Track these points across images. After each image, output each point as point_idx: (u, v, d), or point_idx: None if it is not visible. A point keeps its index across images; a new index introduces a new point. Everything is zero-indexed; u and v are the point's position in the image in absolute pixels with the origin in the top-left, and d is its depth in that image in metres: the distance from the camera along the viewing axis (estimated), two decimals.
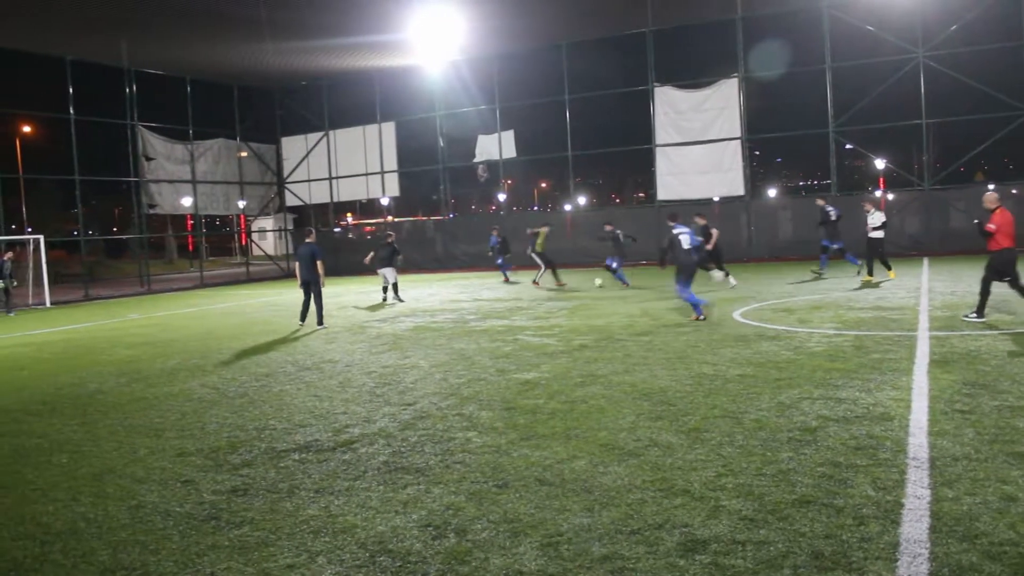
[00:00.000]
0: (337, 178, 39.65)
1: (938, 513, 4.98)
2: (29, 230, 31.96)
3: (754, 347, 11.20)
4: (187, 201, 37.23)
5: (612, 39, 33.40)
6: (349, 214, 65.72)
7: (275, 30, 28.07)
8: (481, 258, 34.02)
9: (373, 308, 20.23)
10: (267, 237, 53.84)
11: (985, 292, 12.29)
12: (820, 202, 22.42)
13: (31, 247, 29.09)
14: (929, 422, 6.95)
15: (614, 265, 22.38)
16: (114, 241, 60.49)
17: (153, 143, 34.65)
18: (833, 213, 21.26)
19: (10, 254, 25.50)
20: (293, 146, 40.89)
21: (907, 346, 10.64)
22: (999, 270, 12.16)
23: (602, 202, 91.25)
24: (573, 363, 10.83)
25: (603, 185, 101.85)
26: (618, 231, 22.75)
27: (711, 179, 31.46)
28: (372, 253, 22.38)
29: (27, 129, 52.01)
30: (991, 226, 12.05)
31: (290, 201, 41.85)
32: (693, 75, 32.14)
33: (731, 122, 30.98)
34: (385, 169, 38.36)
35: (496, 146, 35.45)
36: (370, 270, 23.84)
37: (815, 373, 9.21)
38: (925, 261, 24.64)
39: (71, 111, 31.29)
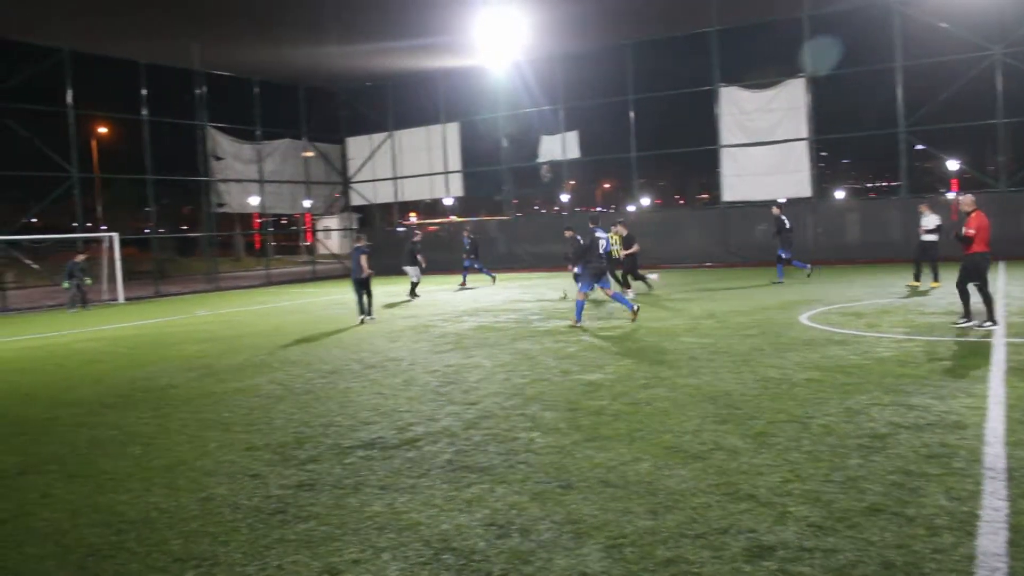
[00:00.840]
0: (401, 178, 39.99)
1: (1018, 526, 4.83)
2: (104, 228, 32.79)
3: (821, 351, 11.01)
4: (254, 200, 37.88)
5: (677, 38, 33.07)
6: (413, 213, 66.17)
7: (341, 32, 28.44)
8: (544, 258, 34.02)
9: (434, 307, 20.36)
10: (332, 236, 54.41)
11: (965, 296, 12.62)
12: (776, 211, 22.73)
13: (106, 244, 29.90)
14: (1006, 431, 6.75)
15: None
16: (184, 239, 61.83)
17: (222, 143, 35.35)
18: (787, 222, 21.99)
19: (82, 256, 26.34)
20: (358, 146, 41.34)
21: (982, 353, 10.37)
22: (973, 273, 12.36)
23: (666, 203, 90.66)
24: (637, 365, 10.77)
25: (667, 186, 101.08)
26: (579, 237, 22.87)
27: (777, 180, 30.97)
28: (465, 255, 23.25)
29: (103, 130, 53.50)
30: (970, 231, 12.22)
31: (355, 200, 42.32)
32: (759, 75, 31.67)
33: (798, 122, 30.47)
34: (449, 169, 38.58)
35: (560, 146, 35.40)
36: (439, 269, 24.18)
37: (885, 379, 9.02)
38: (1001, 265, 23.99)
39: (144, 113, 32.07)
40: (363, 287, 17.63)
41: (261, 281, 37.73)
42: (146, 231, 46.27)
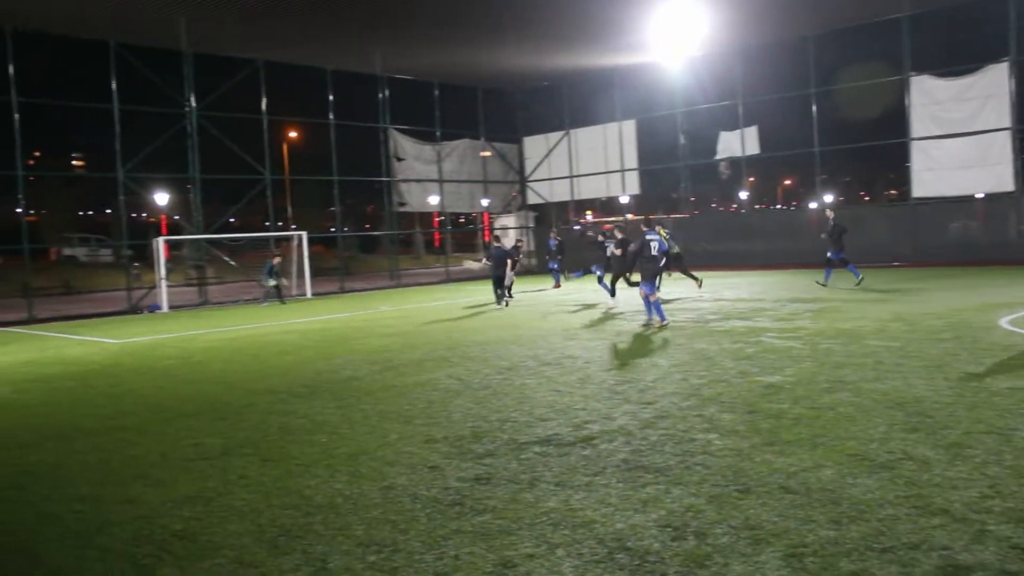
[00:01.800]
0: (577, 176, 40.13)
1: None
2: (294, 227, 34.54)
3: None
4: (434, 199, 38.97)
5: (863, 27, 31.50)
6: (589, 212, 66.32)
7: (518, 33, 28.82)
8: (721, 256, 33.31)
9: (609, 307, 20.32)
10: (509, 234, 55.18)
11: None
12: (829, 214, 22.72)
13: (295, 242, 31.53)
14: None
15: (599, 272, 22.95)
16: (367, 237, 64.33)
17: (403, 144, 36.56)
18: (842, 225, 22.25)
19: (278, 259, 28.13)
20: (535, 145, 41.79)
21: None
22: None
23: (850, 200, 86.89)
24: (819, 368, 10.38)
25: (852, 182, 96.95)
26: (600, 238, 23.44)
27: (974, 174, 28.99)
28: (484, 257, 24.21)
29: (293, 135, 56.62)
30: None
31: (531, 199, 42.80)
32: (954, 61, 29.75)
33: (999, 111, 28.39)
34: (625, 167, 38.40)
35: (739, 142, 34.59)
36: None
37: None
38: None
39: (331, 117, 33.59)
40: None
41: (440, 278, 38.75)
42: (332, 229, 48.52)
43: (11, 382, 13.02)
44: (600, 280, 22.81)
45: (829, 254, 22.27)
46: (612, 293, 20.23)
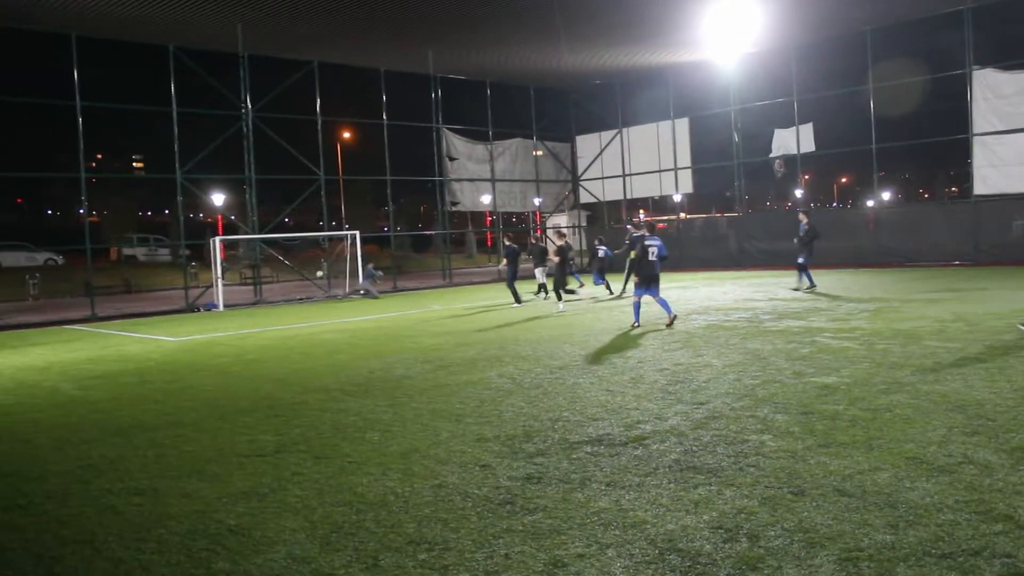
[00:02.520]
0: (630, 175, 39.94)
1: None
2: (347, 226, 34.93)
3: None
4: (486, 199, 39.09)
5: (923, 21, 30.89)
6: (642, 210, 65.94)
7: (570, 32, 28.77)
8: (776, 255, 32.90)
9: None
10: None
11: None
12: (803, 217, 22.39)
13: (348, 241, 31.85)
14: None
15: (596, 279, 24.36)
16: (420, 236, 64.80)
17: (456, 144, 36.72)
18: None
19: (371, 264, 29.10)
20: (587, 144, 41.70)
21: None
22: None
23: (909, 197, 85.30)
24: (876, 369, 10.20)
25: (910, 179, 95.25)
26: (595, 242, 24.68)
27: None
28: (504, 260, 24.67)
29: (346, 135, 57.27)
30: None
31: (584, 198, 42.71)
32: (1019, 54, 29.02)
33: None
34: (678, 166, 38.13)
35: (793, 140, 34.14)
36: (666, 267, 24.01)
37: None
38: None
39: (384, 117, 33.85)
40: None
41: (492, 277, 38.81)
42: (385, 229, 48.97)
43: (75, 379, 13.33)
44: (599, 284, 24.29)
45: (800, 259, 21.95)
46: (559, 297, 21.08)
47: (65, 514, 6.29)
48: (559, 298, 20.94)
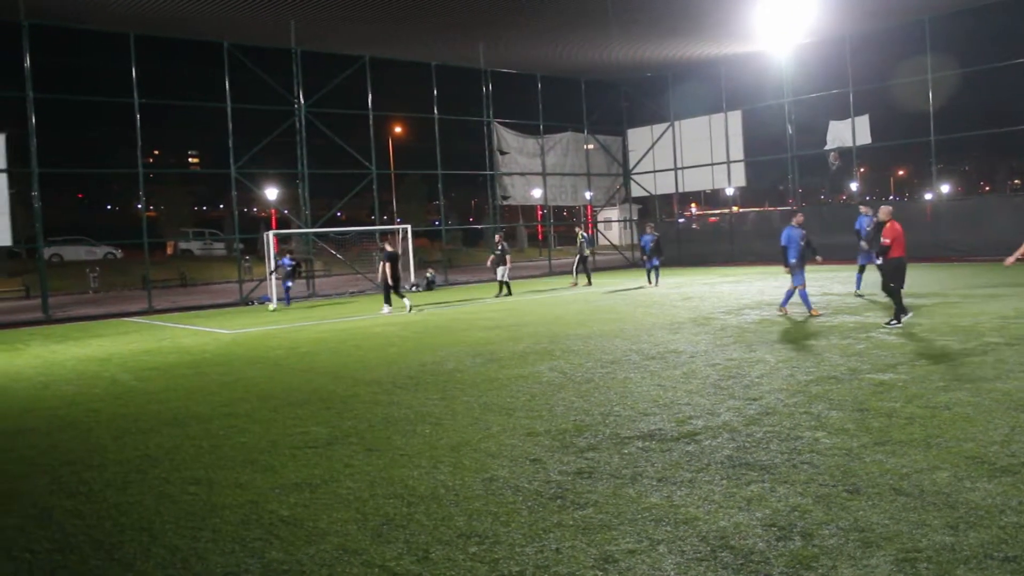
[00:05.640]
0: (682, 168, 39.61)
1: None
2: (399, 220, 35.19)
3: None
4: (537, 192, 39.04)
5: (984, 8, 30.07)
6: (693, 204, 65.53)
7: (622, 24, 28.58)
8: (830, 250, 32.32)
9: (717, 300, 20.00)
10: (612, 227, 55.00)
11: (895, 296, 13.50)
12: (865, 210, 20.07)
13: (400, 235, 32.01)
14: None
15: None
16: (470, 230, 64.94)
17: (507, 138, 36.69)
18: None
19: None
20: (639, 137, 41.42)
21: None
22: (892, 276, 13.39)
23: (969, 190, 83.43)
24: (934, 365, 9.99)
25: (970, 172, 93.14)
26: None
27: None
28: (492, 256, 25.65)
29: (398, 130, 57.61)
30: (886, 240, 13.26)
31: (635, 192, 42.46)
32: None
33: None
34: (731, 159, 37.72)
35: (849, 132, 33.53)
36: (721, 261, 23.82)
37: None
38: None
39: (435, 111, 33.96)
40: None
41: (543, 271, 38.80)
42: (436, 223, 49.18)
43: (133, 370, 13.60)
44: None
45: (870, 259, 18.33)
46: (390, 302, 21.53)
47: (124, 502, 6.42)
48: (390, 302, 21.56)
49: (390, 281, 21.06)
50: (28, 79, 24.27)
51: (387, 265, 21.14)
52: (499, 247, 25.83)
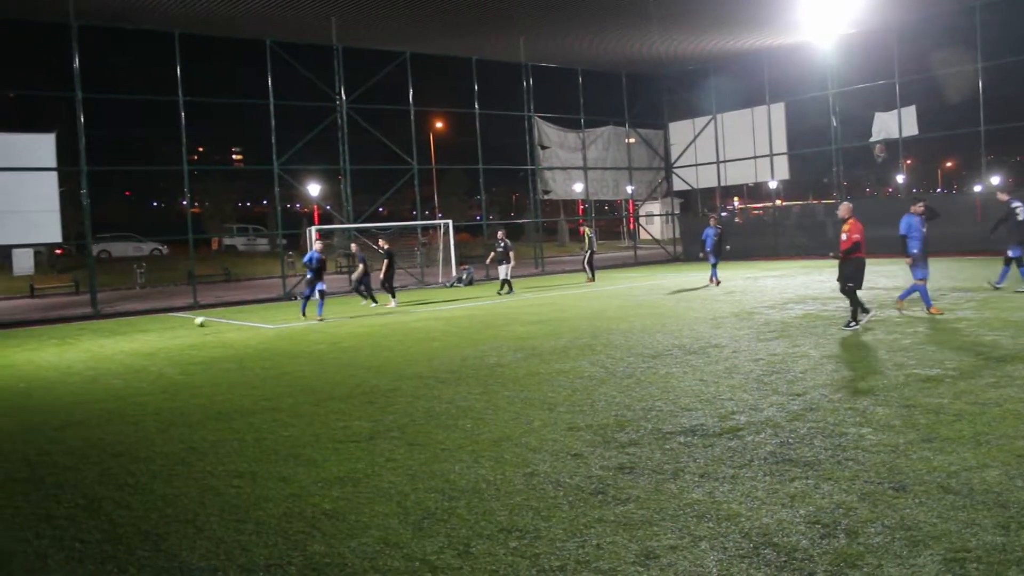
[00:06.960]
0: (724, 162, 39.26)
1: None
2: (440, 215, 35.27)
3: None
4: (578, 187, 38.94)
5: None
6: (736, 198, 64.91)
7: (663, 17, 28.38)
8: (877, 243, 31.86)
9: (759, 294, 19.82)
10: (654, 221, 54.67)
11: (852, 297, 13.19)
12: (1003, 197, 18.33)
13: (441, 230, 32.11)
14: None
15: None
16: (512, 225, 64.89)
17: (548, 132, 36.64)
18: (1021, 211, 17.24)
19: (466, 267, 30.07)
20: (680, 131, 41.12)
21: None
22: (852, 276, 13.09)
23: (1020, 182, 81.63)
24: (984, 361, 9.81)
25: (1021, 163, 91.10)
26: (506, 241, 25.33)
27: None
28: (492, 254, 25.96)
29: (439, 125, 57.80)
30: (855, 237, 13.14)
31: (677, 185, 42.17)
32: None
33: None
34: (774, 152, 37.31)
35: (895, 123, 33.00)
36: (765, 254, 23.47)
37: None
38: None
39: (476, 106, 34.00)
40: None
41: (616, 262, 38.66)
42: (477, 217, 49.28)
43: (179, 364, 13.80)
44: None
45: (1014, 251, 17.51)
46: (373, 299, 22.80)
47: (170, 494, 6.51)
48: (374, 299, 22.80)
49: (382, 276, 22.61)
50: (77, 79, 24.68)
51: (386, 262, 22.47)
52: (500, 244, 25.43)
